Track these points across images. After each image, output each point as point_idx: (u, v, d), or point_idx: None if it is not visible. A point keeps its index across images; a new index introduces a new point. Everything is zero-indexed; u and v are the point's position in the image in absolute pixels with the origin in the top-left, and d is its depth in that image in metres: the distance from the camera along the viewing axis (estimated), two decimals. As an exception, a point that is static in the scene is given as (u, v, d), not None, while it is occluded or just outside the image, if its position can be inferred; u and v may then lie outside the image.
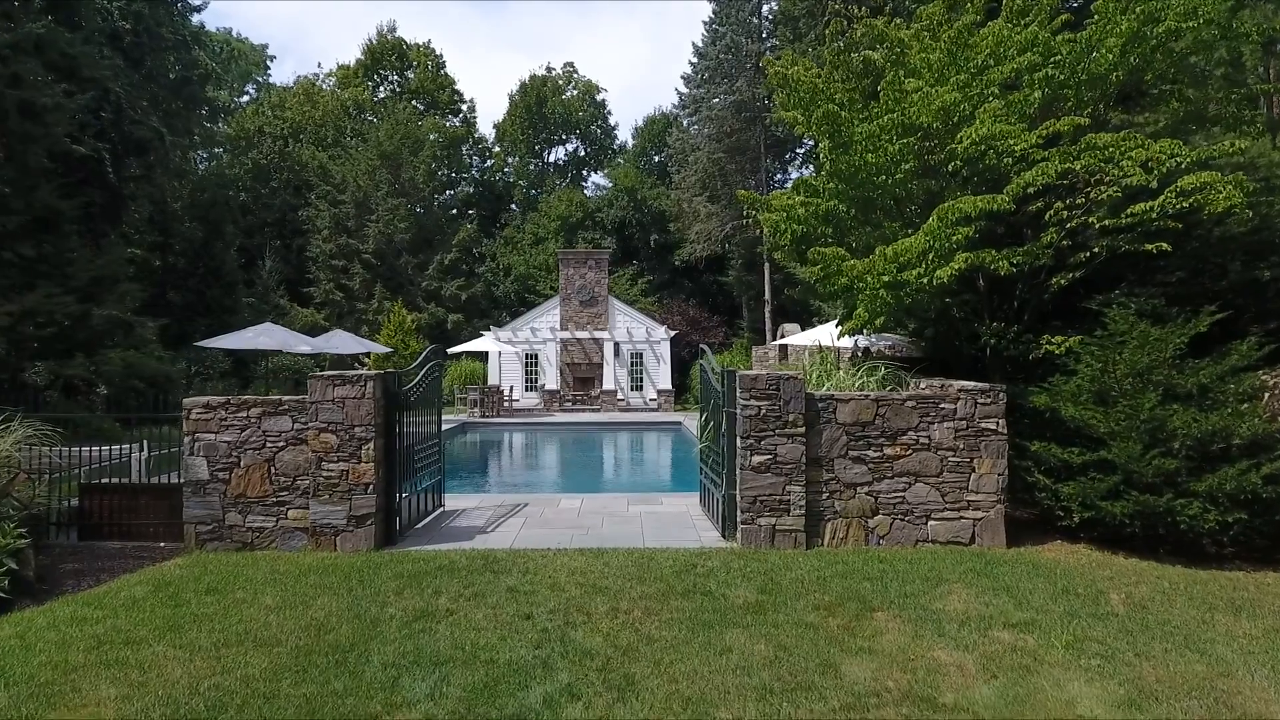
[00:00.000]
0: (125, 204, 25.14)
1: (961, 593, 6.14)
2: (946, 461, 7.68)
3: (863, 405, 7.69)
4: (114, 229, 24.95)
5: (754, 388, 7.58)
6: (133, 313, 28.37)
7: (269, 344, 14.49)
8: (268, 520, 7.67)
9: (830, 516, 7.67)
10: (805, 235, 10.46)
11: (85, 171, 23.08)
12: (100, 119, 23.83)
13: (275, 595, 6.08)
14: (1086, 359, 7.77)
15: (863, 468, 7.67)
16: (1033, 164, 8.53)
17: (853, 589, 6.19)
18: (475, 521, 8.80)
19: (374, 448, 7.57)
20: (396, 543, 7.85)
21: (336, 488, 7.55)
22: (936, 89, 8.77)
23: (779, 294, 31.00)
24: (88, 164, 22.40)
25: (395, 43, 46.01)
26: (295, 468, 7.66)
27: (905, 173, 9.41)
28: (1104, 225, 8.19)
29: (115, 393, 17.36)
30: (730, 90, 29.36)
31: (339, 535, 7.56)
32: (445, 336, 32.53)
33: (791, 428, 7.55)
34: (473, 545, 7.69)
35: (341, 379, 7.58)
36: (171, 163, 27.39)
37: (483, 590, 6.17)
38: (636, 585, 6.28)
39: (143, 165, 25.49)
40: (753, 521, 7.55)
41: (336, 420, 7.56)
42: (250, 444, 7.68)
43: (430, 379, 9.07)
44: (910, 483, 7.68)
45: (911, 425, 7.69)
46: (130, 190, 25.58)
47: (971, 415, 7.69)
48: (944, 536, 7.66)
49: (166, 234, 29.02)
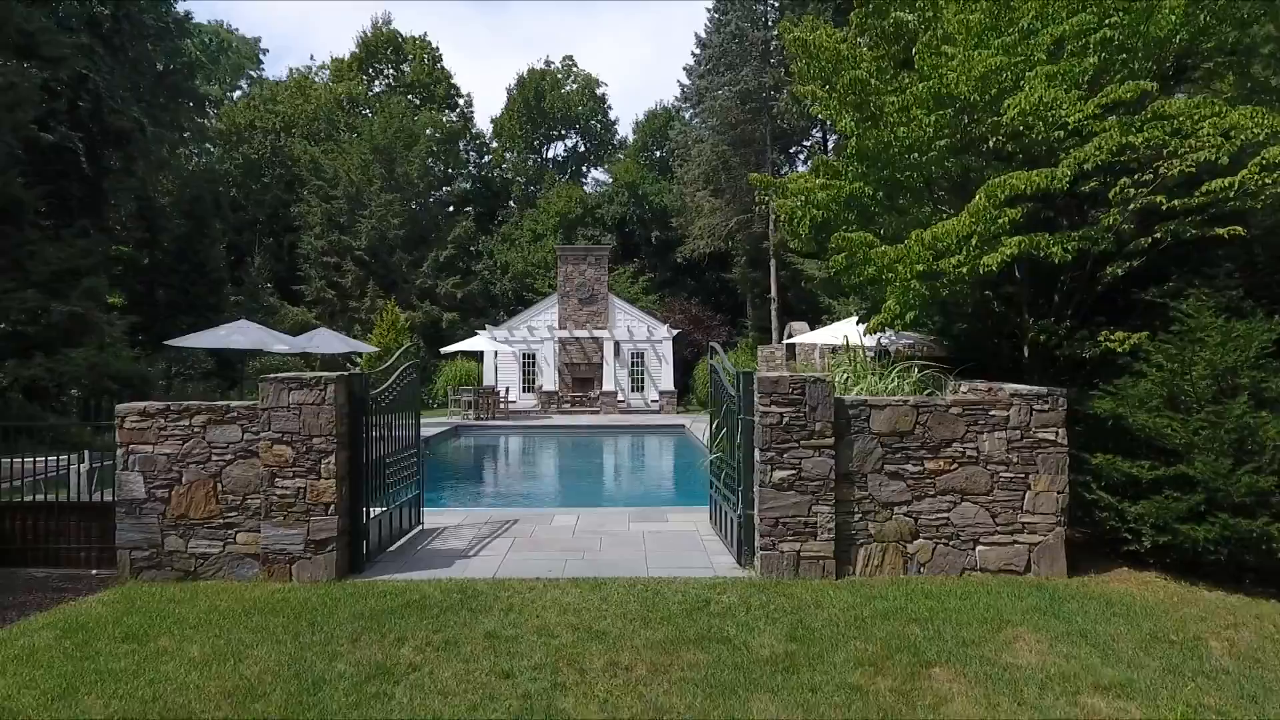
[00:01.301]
0: (105, 197, 24.16)
1: (1030, 639, 5.11)
2: (997, 477, 6.65)
3: (901, 412, 6.65)
4: (94, 223, 23.98)
5: (775, 392, 6.55)
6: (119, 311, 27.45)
7: (243, 342, 13.46)
8: (213, 545, 6.64)
9: (863, 541, 6.64)
10: (825, 222, 9.43)
11: (63, 163, 22.16)
12: (78, 108, 22.91)
13: (206, 644, 5.05)
14: (1158, 358, 6.74)
15: (900, 484, 6.64)
16: (1086, 137, 7.52)
17: (900, 634, 5.16)
18: (456, 543, 7.78)
19: (335, 461, 6.54)
20: (363, 570, 6.83)
21: (292, 508, 6.52)
22: (978, 52, 7.74)
23: (785, 291, 29.96)
24: (63, 154, 21.47)
25: (390, 35, 44.93)
26: (245, 484, 6.64)
27: (939, 150, 8.38)
28: (1173, 206, 7.16)
29: (86, 395, 16.36)
30: (735, 80, 28.28)
31: (295, 563, 6.53)
32: (440, 336, 31.49)
33: (819, 438, 6.52)
34: (450, 574, 6.66)
35: (298, 382, 6.55)
36: (154, 155, 26.41)
37: (455, 636, 5.14)
38: (640, 629, 5.26)
39: (123, 157, 24.51)
40: (773, 547, 6.52)
41: (292, 430, 6.53)
42: (194, 457, 6.65)
43: (406, 381, 8.05)
44: (955, 502, 6.65)
45: (957, 435, 6.65)
46: (110, 183, 24.59)
47: (1026, 424, 6.66)
48: (994, 564, 6.63)
49: (154, 230, 28.02)
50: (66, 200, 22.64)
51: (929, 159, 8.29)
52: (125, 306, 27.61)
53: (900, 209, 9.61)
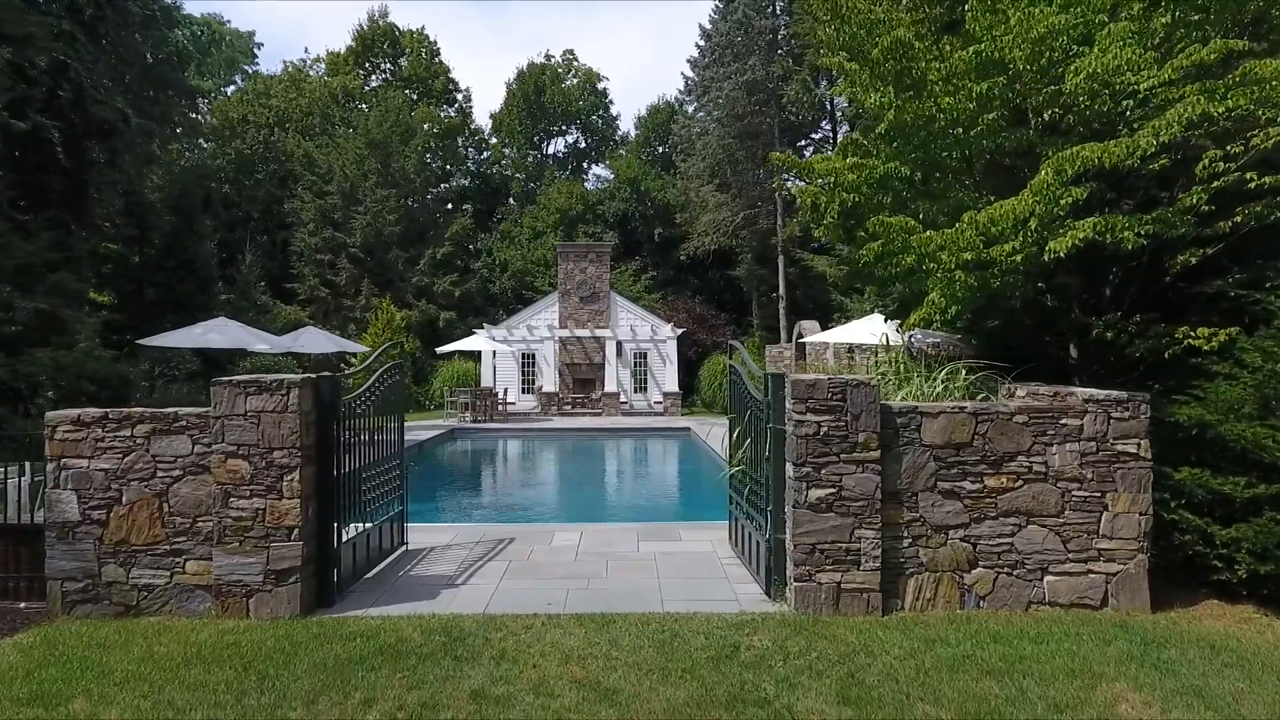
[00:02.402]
0: (88, 191, 23.24)
1: (1135, 700, 4.18)
2: (1069, 496, 5.73)
3: (957, 421, 5.73)
4: (76, 217, 23.07)
5: (811, 398, 5.63)
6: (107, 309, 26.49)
7: (220, 341, 12.55)
8: (159, 575, 5.72)
9: (913, 570, 5.72)
10: (855, 206, 8.51)
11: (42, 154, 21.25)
12: (59, 97, 22.00)
13: (129, 707, 4.14)
14: (1253, 358, 5.82)
15: (956, 504, 5.72)
16: (1158, 108, 6.62)
17: (975, 695, 4.23)
18: (444, 567, 6.86)
19: (300, 478, 5.62)
20: (333, 603, 5.90)
21: (249, 532, 5.60)
22: (1037, 9, 6.83)
23: (794, 289, 28.99)
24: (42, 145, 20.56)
25: (387, 28, 43.96)
26: (196, 505, 5.72)
27: (986, 124, 7.47)
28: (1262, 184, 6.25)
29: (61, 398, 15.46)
30: (742, 69, 27.29)
31: (253, 596, 5.61)
32: (437, 335, 30.54)
33: (862, 451, 5.60)
34: (434, 608, 5.73)
35: (256, 386, 5.63)
36: (140, 149, 25.48)
37: (435, 697, 4.22)
38: (659, 686, 4.34)
39: (107, 150, 23.59)
40: (810, 578, 5.60)
41: (249, 441, 5.61)
42: (136, 473, 5.73)
43: (387, 383, 7.13)
44: (1020, 524, 5.73)
45: (1022, 448, 5.73)
46: (94, 177, 23.67)
47: (1103, 434, 5.73)
48: (1065, 597, 5.71)
49: (144, 227, 27.13)
50: (46, 193, 21.76)
51: (977, 133, 7.37)
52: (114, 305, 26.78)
53: (934, 193, 8.68)
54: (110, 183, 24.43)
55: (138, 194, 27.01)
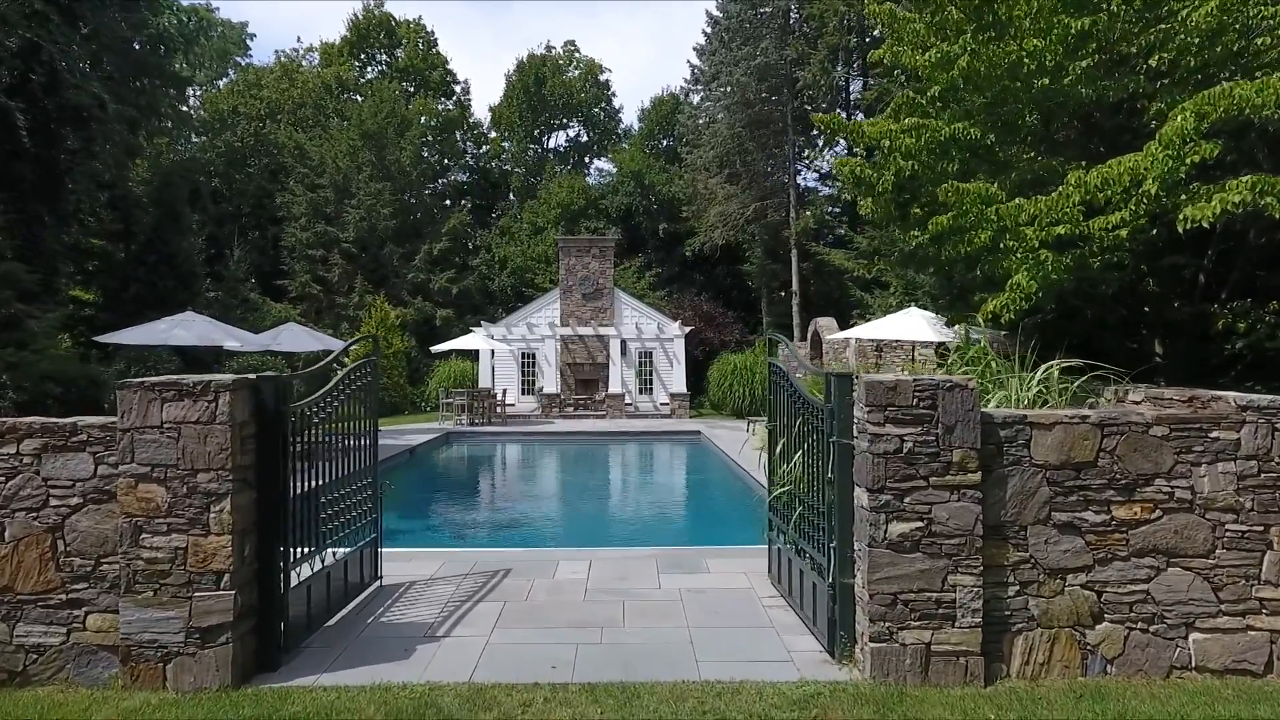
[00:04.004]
0: (63, 181, 22.01)
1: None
2: (1221, 530, 4.47)
3: (1077, 434, 4.46)
4: (50, 209, 21.84)
5: (892, 404, 4.36)
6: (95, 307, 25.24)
7: (187, 338, 11.34)
8: (52, 633, 4.46)
9: (1021, 625, 4.46)
10: (913, 176, 7.25)
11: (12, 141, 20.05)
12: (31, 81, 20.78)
13: None
14: None
15: (1077, 541, 4.46)
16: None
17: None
18: (424, 611, 5.59)
19: (231, 507, 4.35)
20: (279, 665, 4.64)
21: (166, 578, 4.33)
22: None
23: (808, 284, 27.69)
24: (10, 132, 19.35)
25: (383, 18, 42.65)
26: (100, 542, 4.46)
27: (1081, 72, 6.21)
28: None
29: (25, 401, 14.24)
30: (753, 54, 25.97)
31: (171, 661, 4.34)
32: (434, 334, 29.23)
33: (958, 472, 4.34)
34: (406, 674, 4.47)
35: (175, 389, 4.36)
36: (119, 137, 24.24)
37: (391, 835, 2.96)
38: (709, 814, 3.07)
39: (82, 138, 22.36)
40: (891, 636, 4.33)
41: (167, 461, 4.35)
42: (22, 501, 4.47)
43: (356, 384, 5.87)
44: (1159, 567, 4.46)
45: (1161, 469, 4.47)
46: (75, 167, 22.44)
47: (1265, 450, 4.47)
48: (1218, 660, 4.44)
49: (128, 221, 25.91)
50: (18, 183, 20.55)
51: (1069, 82, 6.11)
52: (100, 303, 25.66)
53: (1006, 160, 7.42)
54: (87, 173, 23.19)
55: (121, 187, 25.79)
